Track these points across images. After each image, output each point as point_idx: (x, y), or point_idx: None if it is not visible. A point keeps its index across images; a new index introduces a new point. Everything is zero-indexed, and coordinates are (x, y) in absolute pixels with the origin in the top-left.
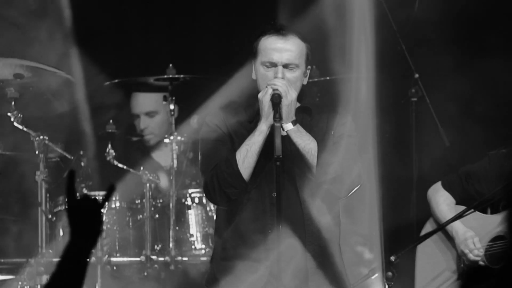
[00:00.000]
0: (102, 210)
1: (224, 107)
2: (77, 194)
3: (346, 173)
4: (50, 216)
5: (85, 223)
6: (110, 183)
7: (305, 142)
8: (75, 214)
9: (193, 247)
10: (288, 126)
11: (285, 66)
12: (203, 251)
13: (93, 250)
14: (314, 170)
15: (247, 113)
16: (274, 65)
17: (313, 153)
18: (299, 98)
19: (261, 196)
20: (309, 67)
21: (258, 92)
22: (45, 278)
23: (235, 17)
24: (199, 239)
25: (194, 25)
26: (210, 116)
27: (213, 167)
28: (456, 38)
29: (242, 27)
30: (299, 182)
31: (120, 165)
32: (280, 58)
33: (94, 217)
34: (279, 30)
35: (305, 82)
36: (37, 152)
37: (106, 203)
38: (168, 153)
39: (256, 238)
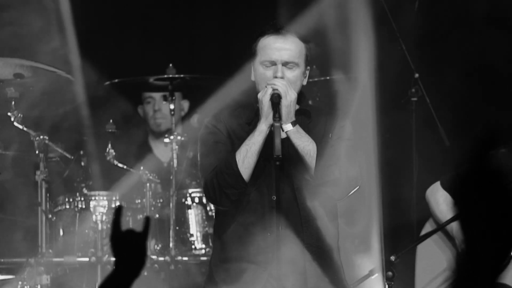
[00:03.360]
0: (146, 243)
1: (223, 108)
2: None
3: (343, 175)
4: (50, 216)
5: (129, 255)
6: (147, 216)
7: (304, 144)
8: (119, 246)
9: (193, 247)
10: (288, 127)
11: (285, 64)
12: (203, 251)
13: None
14: (313, 171)
15: (246, 114)
16: (273, 63)
17: (312, 155)
18: (298, 100)
19: (260, 198)
20: (309, 67)
21: (257, 93)
22: (45, 278)
23: (235, 17)
24: (199, 239)
25: (194, 25)
26: (209, 117)
27: (212, 168)
28: (457, 37)
29: (242, 27)
30: (297, 184)
31: (120, 165)
32: (280, 57)
33: (137, 249)
34: (278, 30)
35: (304, 83)
36: (37, 152)
37: (148, 235)
38: (169, 150)
39: (255, 240)
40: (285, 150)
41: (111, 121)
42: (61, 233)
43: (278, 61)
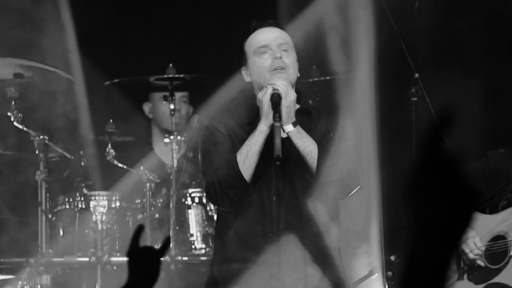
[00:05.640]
0: (161, 261)
1: (222, 109)
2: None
3: (345, 175)
4: (50, 216)
5: (143, 271)
6: (167, 236)
7: (305, 144)
8: (135, 262)
9: (193, 247)
10: (289, 128)
11: (279, 46)
12: (203, 251)
13: None
14: (314, 172)
15: (246, 114)
16: (269, 48)
17: (313, 155)
18: (298, 99)
19: (261, 199)
20: (297, 61)
21: (255, 93)
22: (45, 278)
23: (235, 17)
24: (199, 239)
25: (194, 25)
26: (210, 118)
27: (214, 169)
28: (457, 37)
29: (242, 27)
30: (298, 184)
31: (120, 165)
32: (274, 39)
33: (152, 267)
34: (263, 22)
35: (298, 74)
36: (37, 152)
37: (165, 253)
38: (170, 151)
39: (256, 241)
40: (286, 150)
41: (111, 121)
42: (61, 233)
43: (273, 44)
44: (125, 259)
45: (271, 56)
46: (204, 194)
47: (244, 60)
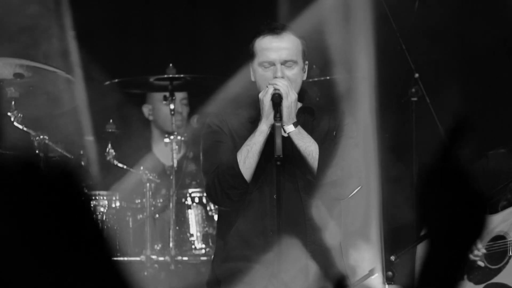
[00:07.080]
0: None
1: (225, 107)
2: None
3: (346, 175)
4: None
5: None
6: None
7: (306, 145)
8: None
9: (193, 247)
10: (289, 128)
11: (283, 63)
12: (203, 251)
13: None
14: (315, 172)
15: (248, 113)
16: (272, 64)
17: (314, 156)
18: (300, 97)
19: (262, 198)
20: (307, 62)
21: (258, 92)
22: None
23: (236, 17)
24: (199, 239)
25: (194, 25)
26: (211, 116)
27: (214, 168)
28: (456, 37)
29: (242, 27)
30: (300, 183)
31: (120, 165)
32: (278, 57)
33: None
34: (273, 29)
35: (304, 78)
36: (37, 152)
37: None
38: (170, 151)
39: (257, 240)
40: (287, 149)
41: (111, 121)
42: None
43: (277, 61)
44: (125, 259)
45: (273, 72)
46: (204, 194)
47: (252, 58)
